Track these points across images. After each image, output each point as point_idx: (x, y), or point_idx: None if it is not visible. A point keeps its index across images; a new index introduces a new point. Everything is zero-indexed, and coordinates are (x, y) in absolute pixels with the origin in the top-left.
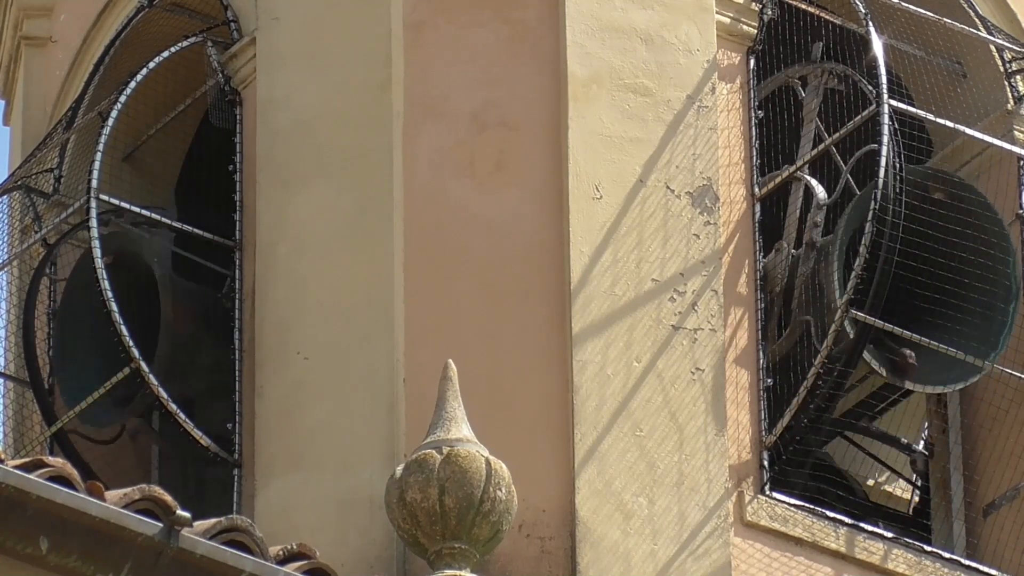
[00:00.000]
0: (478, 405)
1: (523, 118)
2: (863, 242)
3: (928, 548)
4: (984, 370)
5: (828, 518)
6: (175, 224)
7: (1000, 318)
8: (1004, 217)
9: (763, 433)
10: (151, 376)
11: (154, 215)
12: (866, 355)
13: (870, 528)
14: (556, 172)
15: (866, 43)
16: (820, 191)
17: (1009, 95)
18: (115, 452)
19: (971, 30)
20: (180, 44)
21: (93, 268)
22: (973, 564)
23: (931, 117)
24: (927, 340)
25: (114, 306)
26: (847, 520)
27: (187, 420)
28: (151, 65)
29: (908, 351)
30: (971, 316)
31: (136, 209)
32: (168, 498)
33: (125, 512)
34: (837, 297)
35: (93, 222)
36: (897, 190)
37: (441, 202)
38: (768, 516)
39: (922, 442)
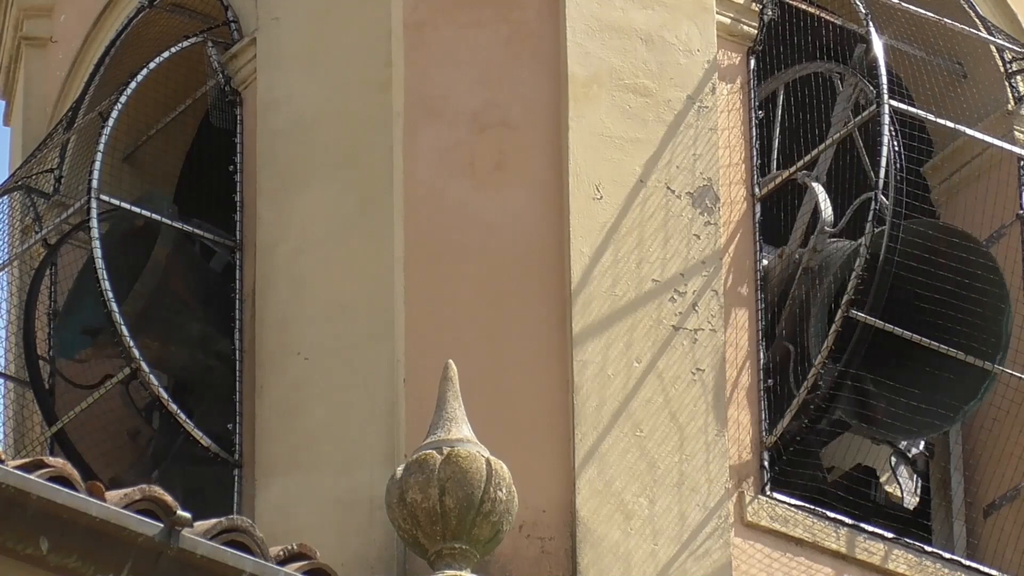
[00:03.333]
0: (478, 405)
1: (523, 118)
2: (863, 243)
3: (928, 548)
4: (968, 410)
5: (829, 518)
6: (175, 224)
7: (993, 339)
8: (1003, 220)
9: (763, 433)
10: (151, 376)
11: (154, 215)
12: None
13: (871, 528)
14: (556, 172)
15: (866, 43)
16: (821, 192)
17: (1009, 95)
18: (115, 452)
19: (971, 30)
20: (180, 44)
21: (95, 268)
22: (973, 564)
23: (931, 117)
24: (927, 340)
25: (114, 306)
26: (848, 520)
27: (187, 420)
28: (151, 65)
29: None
30: (963, 339)
31: (136, 209)
32: (168, 498)
33: (125, 512)
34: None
35: (93, 222)
36: (897, 190)
37: (441, 202)
38: (768, 516)
39: (923, 442)
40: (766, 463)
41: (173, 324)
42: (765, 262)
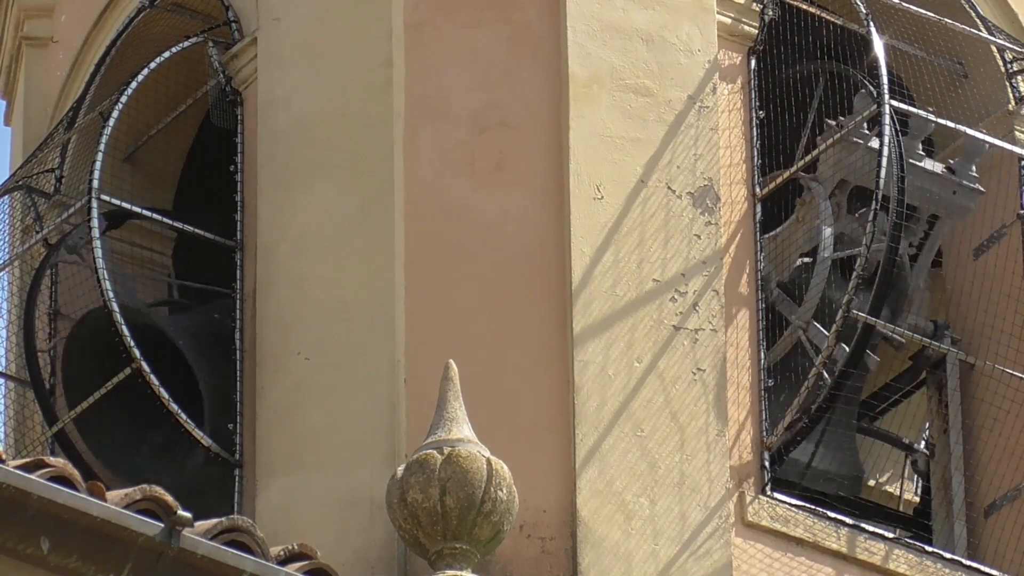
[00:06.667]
0: (479, 405)
1: (524, 118)
2: (864, 242)
3: (929, 548)
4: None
5: (829, 518)
6: (176, 224)
7: None
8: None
9: (764, 433)
10: (152, 376)
11: (155, 215)
12: None
13: (871, 528)
14: (557, 172)
15: (867, 43)
16: (822, 193)
17: (1010, 95)
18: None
19: (972, 30)
20: (181, 44)
21: (95, 268)
22: (974, 564)
23: (932, 117)
24: (919, 337)
25: (115, 306)
26: (848, 520)
27: (188, 420)
28: (152, 65)
29: None
30: None
31: (137, 209)
32: (169, 498)
33: (126, 512)
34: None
35: (94, 222)
36: (898, 190)
37: (442, 202)
38: (769, 516)
39: (923, 442)
40: (767, 463)
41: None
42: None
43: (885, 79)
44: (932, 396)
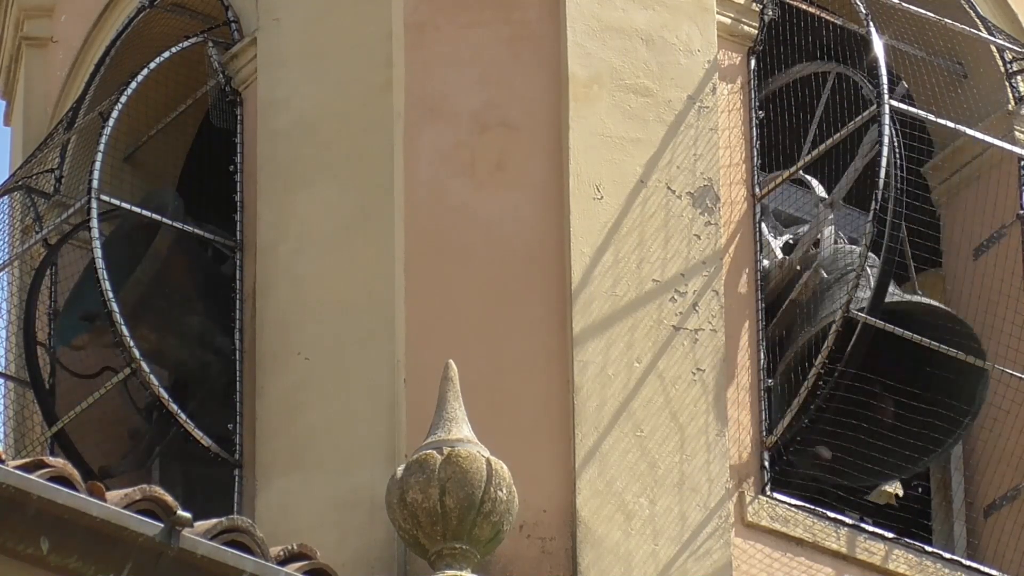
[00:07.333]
0: (479, 405)
1: (524, 118)
2: (864, 243)
3: (929, 548)
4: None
5: (829, 518)
6: (176, 224)
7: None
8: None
9: (764, 434)
10: (152, 377)
11: (154, 216)
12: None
13: (871, 528)
14: (557, 172)
15: (867, 43)
16: (821, 192)
17: (1010, 95)
18: (115, 452)
19: (972, 30)
20: (181, 44)
21: (95, 268)
22: (974, 565)
23: (932, 117)
24: (928, 341)
25: (115, 306)
26: (848, 520)
27: (188, 420)
28: (152, 65)
29: (823, 450)
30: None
31: (137, 209)
32: (169, 498)
33: (126, 512)
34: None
35: (94, 222)
36: (898, 191)
37: (442, 202)
38: (769, 516)
39: None
40: (766, 463)
41: (171, 316)
42: (765, 263)
43: (885, 79)
44: None
